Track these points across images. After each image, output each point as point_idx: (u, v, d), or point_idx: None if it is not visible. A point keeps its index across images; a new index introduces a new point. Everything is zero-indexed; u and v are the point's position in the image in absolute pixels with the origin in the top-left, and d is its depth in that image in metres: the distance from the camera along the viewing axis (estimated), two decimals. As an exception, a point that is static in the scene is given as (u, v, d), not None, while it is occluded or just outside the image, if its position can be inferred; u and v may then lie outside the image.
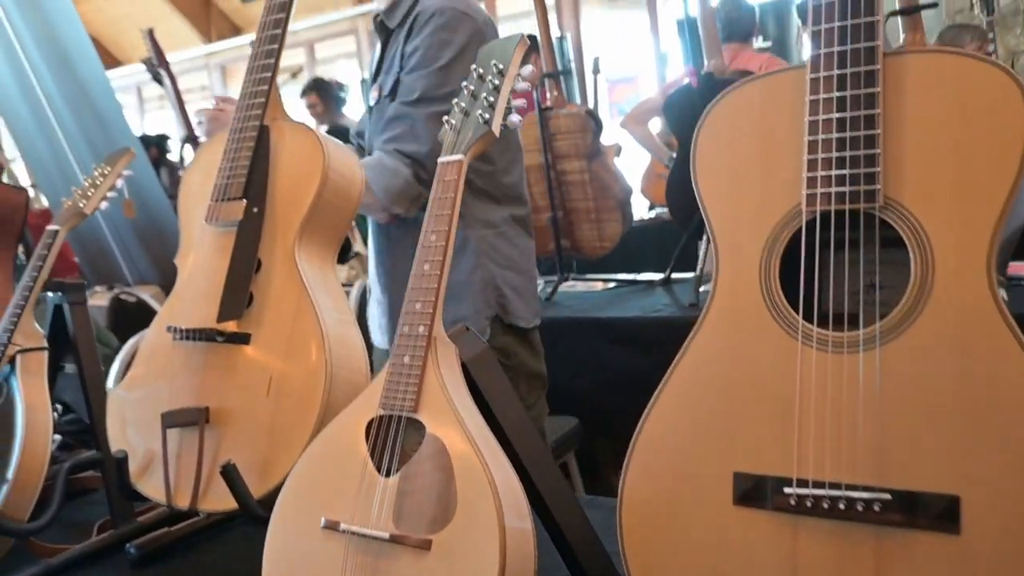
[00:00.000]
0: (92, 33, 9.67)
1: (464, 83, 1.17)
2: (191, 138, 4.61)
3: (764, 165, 0.91)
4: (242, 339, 1.32)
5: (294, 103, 5.15)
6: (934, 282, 0.81)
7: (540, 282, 3.56)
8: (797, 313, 0.87)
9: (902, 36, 2.77)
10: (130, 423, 1.45)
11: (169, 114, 8.65)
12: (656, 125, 5.03)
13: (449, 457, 0.97)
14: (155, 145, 6.64)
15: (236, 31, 8.83)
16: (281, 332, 1.30)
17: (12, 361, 1.56)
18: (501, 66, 1.15)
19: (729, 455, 0.89)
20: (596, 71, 5.74)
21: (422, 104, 1.68)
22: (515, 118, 1.15)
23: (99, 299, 3.73)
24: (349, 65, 8.57)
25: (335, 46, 8.60)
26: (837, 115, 0.86)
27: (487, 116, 1.12)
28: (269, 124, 1.40)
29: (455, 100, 1.16)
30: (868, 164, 0.83)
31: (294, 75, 5.48)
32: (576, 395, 3.04)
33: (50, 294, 1.63)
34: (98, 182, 1.65)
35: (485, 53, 1.19)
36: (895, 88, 0.84)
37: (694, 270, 3.32)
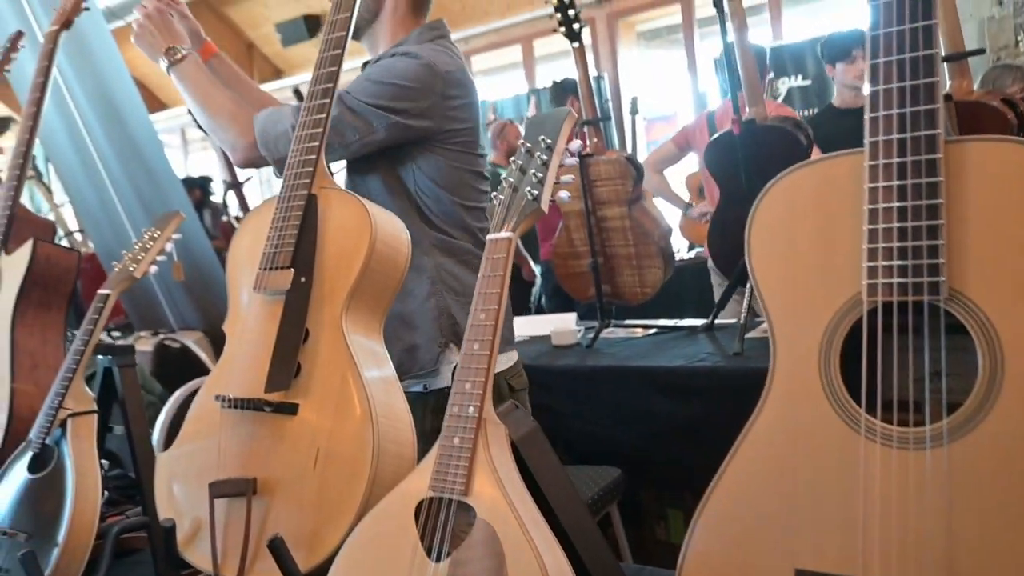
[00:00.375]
0: (137, 76, 9.91)
1: (512, 158, 1.17)
2: (234, 184, 4.70)
3: (822, 252, 0.89)
4: (290, 409, 1.32)
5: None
6: (1004, 378, 0.78)
7: (580, 328, 3.54)
8: (859, 405, 0.85)
9: (948, 82, 2.74)
10: (178, 488, 1.45)
11: (212, 155, 8.80)
12: (690, 163, 4.96)
13: (500, 545, 0.96)
14: (198, 187, 6.75)
15: (278, 74, 8.99)
16: (328, 404, 1.29)
17: (63, 425, 1.57)
18: (549, 141, 1.15)
19: (791, 550, 0.86)
20: (634, 112, 5.75)
21: (346, 94, 1.67)
22: (563, 194, 1.14)
23: (143, 344, 3.77)
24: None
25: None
26: (898, 204, 0.84)
27: (536, 192, 1.12)
28: (317, 193, 1.41)
29: (504, 176, 1.16)
30: (931, 255, 0.81)
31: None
32: (618, 445, 3.00)
33: (100, 357, 1.65)
34: (148, 246, 1.67)
35: (533, 126, 1.19)
36: (957, 176, 0.82)
37: (737, 315, 3.28)
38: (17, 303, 1.90)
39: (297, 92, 5.34)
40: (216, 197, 6.64)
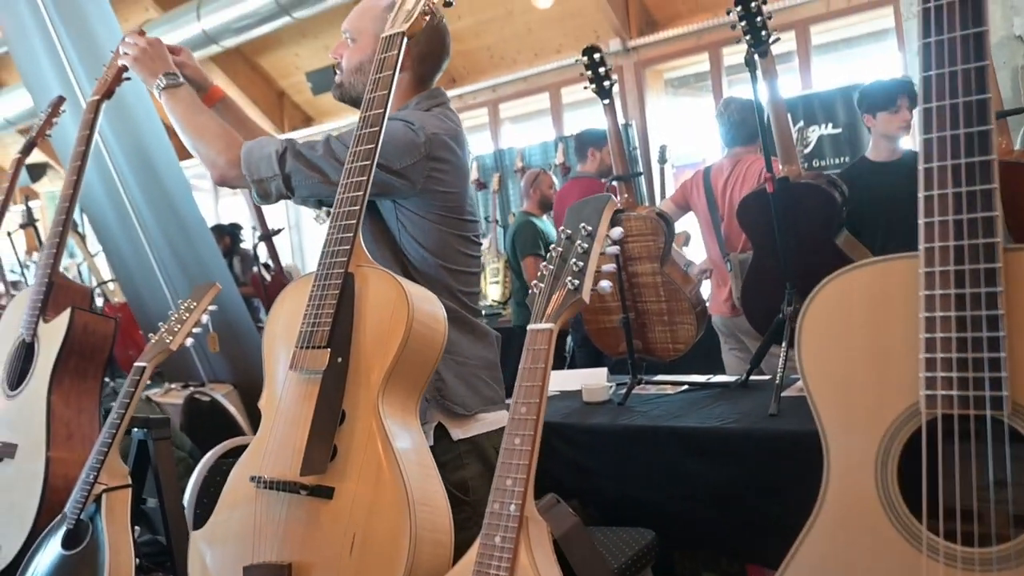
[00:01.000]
0: (169, 124, 10.12)
1: (552, 245, 1.16)
2: (265, 236, 4.74)
3: (877, 358, 0.87)
4: (325, 493, 1.31)
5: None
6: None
7: (611, 385, 3.50)
8: (919, 520, 0.82)
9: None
10: (211, 569, 1.43)
11: (242, 200, 8.91)
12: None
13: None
14: (228, 234, 6.82)
15: (308, 121, 9.11)
16: (365, 488, 1.28)
17: (98, 500, 1.57)
18: (590, 228, 1.14)
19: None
20: (662, 160, 5.74)
21: (334, 138, 1.68)
22: (605, 284, 1.13)
23: (173, 397, 3.77)
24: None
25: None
26: (956, 313, 0.81)
27: (576, 283, 1.10)
28: (353, 271, 1.41)
29: (543, 264, 1.15)
30: (993, 368, 0.78)
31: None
32: (651, 506, 2.94)
33: (135, 429, 1.65)
34: (184, 317, 1.67)
35: (574, 212, 1.18)
36: (1016, 285, 0.80)
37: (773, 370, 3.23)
38: (54, 372, 1.91)
39: None
40: (246, 244, 6.70)
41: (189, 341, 1.68)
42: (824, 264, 3.18)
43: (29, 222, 6.12)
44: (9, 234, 4.25)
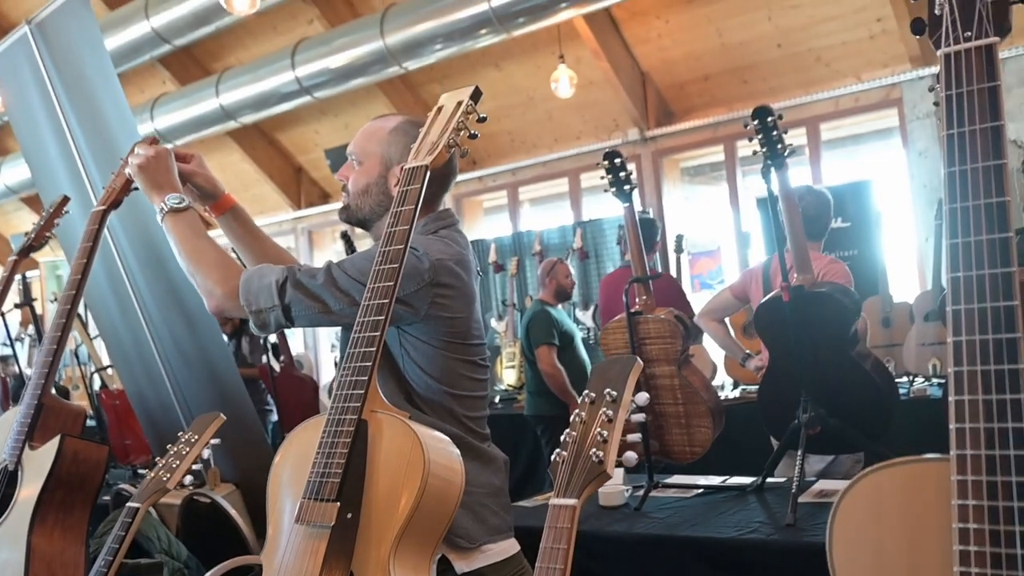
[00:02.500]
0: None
1: (576, 412, 1.14)
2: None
3: (911, 564, 0.83)
4: (330, 661, 1.26)
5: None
6: None
7: (627, 488, 3.43)
8: None
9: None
10: None
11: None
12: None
13: None
14: (239, 314, 6.78)
15: (325, 198, 9.18)
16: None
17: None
18: (615, 394, 1.12)
19: None
20: (679, 250, 5.76)
21: (336, 266, 1.65)
22: (630, 455, 1.10)
23: (171, 497, 3.63)
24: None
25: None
26: (989, 527, 0.78)
27: (600, 455, 1.07)
28: (367, 418, 1.37)
29: (567, 432, 1.12)
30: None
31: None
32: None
33: None
34: (183, 452, 1.62)
35: (598, 373, 1.15)
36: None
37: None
38: (38, 505, 1.80)
39: (345, 236, 5.40)
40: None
41: (188, 479, 1.63)
42: (839, 374, 3.15)
43: (25, 301, 5.76)
44: (2, 314, 4.14)
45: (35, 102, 3.16)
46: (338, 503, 1.31)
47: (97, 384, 5.67)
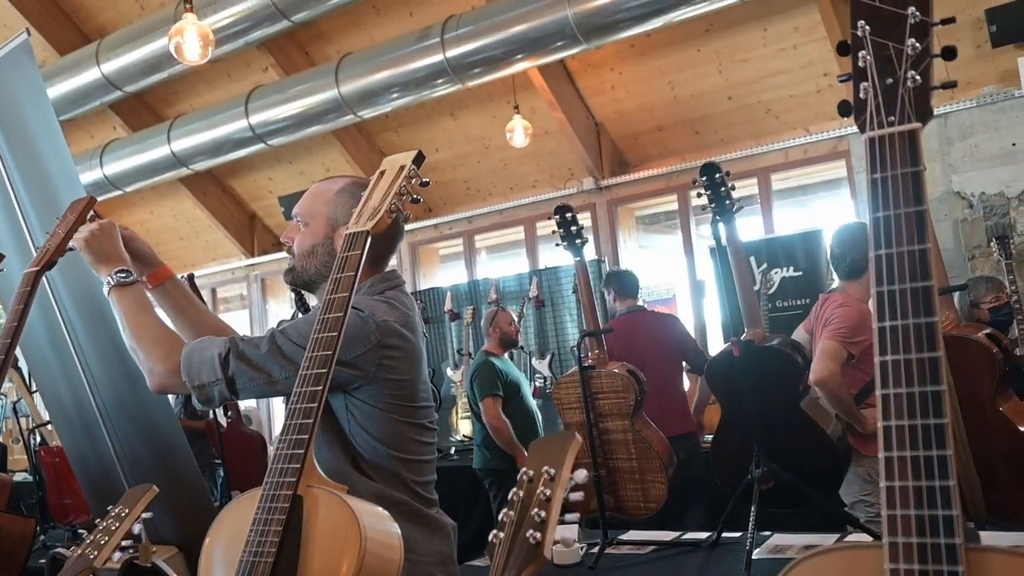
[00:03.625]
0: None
1: (513, 490, 1.11)
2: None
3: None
4: None
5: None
6: None
7: (582, 545, 3.39)
8: None
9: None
10: None
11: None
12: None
13: None
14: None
15: (279, 245, 9.02)
16: None
17: None
18: (552, 471, 1.09)
19: None
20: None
21: (280, 333, 1.62)
22: (570, 538, 1.08)
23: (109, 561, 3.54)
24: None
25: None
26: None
27: (538, 536, 1.05)
28: (303, 493, 1.34)
29: (504, 512, 1.10)
30: None
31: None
32: None
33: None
34: (112, 527, 1.56)
35: (538, 451, 1.13)
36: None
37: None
38: None
39: (297, 292, 5.19)
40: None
41: (117, 555, 1.57)
42: (789, 427, 3.17)
43: None
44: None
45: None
46: (271, 584, 1.27)
47: (38, 440, 5.49)
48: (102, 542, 1.54)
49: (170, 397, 3.66)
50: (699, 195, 2.88)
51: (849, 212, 5.84)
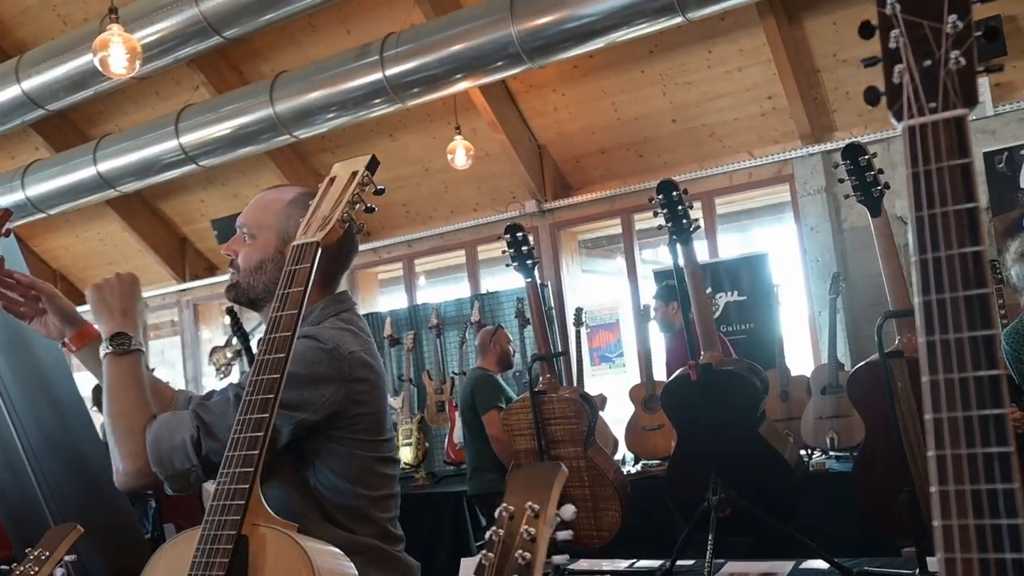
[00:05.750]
0: (59, 269, 9.58)
1: (492, 529, 0.98)
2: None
3: None
4: None
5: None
6: None
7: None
8: None
9: (898, 338, 2.68)
10: None
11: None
12: (633, 376, 4.88)
13: None
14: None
15: (211, 270, 8.78)
16: None
17: None
18: (537, 507, 0.97)
19: None
20: (578, 323, 5.69)
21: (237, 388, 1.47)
22: (561, 558, 0.95)
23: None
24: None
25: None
26: None
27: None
28: (248, 533, 1.18)
29: (483, 553, 0.97)
30: None
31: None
32: None
33: None
34: (31, 572, 1.39)
35: (518, 483, 1.00)
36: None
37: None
38: None
39: (231, 312, 5.02)
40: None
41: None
42: (748, 452, 3.08)
43: None
44: None
45: None
46: (211, 640, 1.11)
47: None
48: (20, 588, 1.36)
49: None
50: (655, 214, 2.79)
51: (793, 236, 5.86)
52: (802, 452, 4.38)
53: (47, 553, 1.41)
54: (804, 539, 3.17)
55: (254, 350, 1.42)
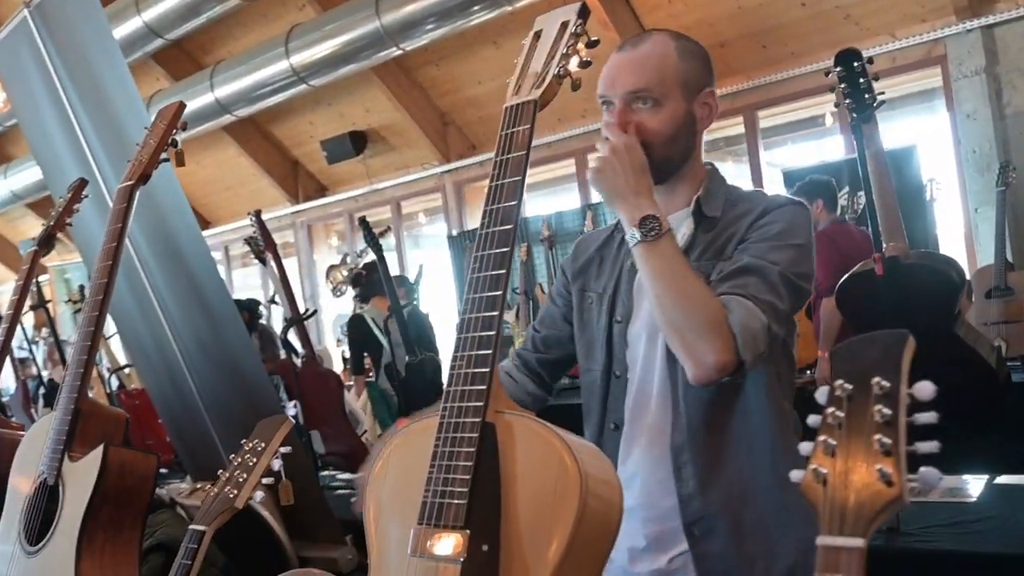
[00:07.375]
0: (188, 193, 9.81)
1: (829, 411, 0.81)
2: (294, 320, 4.40)
3: None
4: None
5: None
6: None
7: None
8: None
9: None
10: None
11: (255, 270, 8.58)
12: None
13: None
14: (246, 310, 6.48)
15: (322, 191, 8.83)
16: None
17: None
18: (887, 385, 0.80)
19: None
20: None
21: (779, 265, 1.33)
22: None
23: (197, 497, 3.39)
24: (436, 223, 8.52)
25: (420, 203, 8.57)
26: None
27: (888, 473, 0.75)
28: (493, 420, 1.05)
29: (821, 440, 0.80)
30: None
31: (382, 234, 5.36)
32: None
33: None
34: (250, 463, 1.31)
35: (844, 358, 0.83)
36: None
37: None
38: (84, 527, 1.52)
39: (363, 221, 5.11)
40: (264, 319, 6.37)
41: (259, 495, 1.32)
42: (943, 360, 2.78)
43: (39, 303, 5.79)
44: (22, 313, 4.00)
45: (38, 90, 2.93)
46: (468, 531, 0.99)
47: (115, 384, 5.50)
48: (241, 479, 1.29)
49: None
50: (832, 90, 2.51)
51: (944, 126, 5.37)
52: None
53: (263, 444, 1.33)
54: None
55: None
